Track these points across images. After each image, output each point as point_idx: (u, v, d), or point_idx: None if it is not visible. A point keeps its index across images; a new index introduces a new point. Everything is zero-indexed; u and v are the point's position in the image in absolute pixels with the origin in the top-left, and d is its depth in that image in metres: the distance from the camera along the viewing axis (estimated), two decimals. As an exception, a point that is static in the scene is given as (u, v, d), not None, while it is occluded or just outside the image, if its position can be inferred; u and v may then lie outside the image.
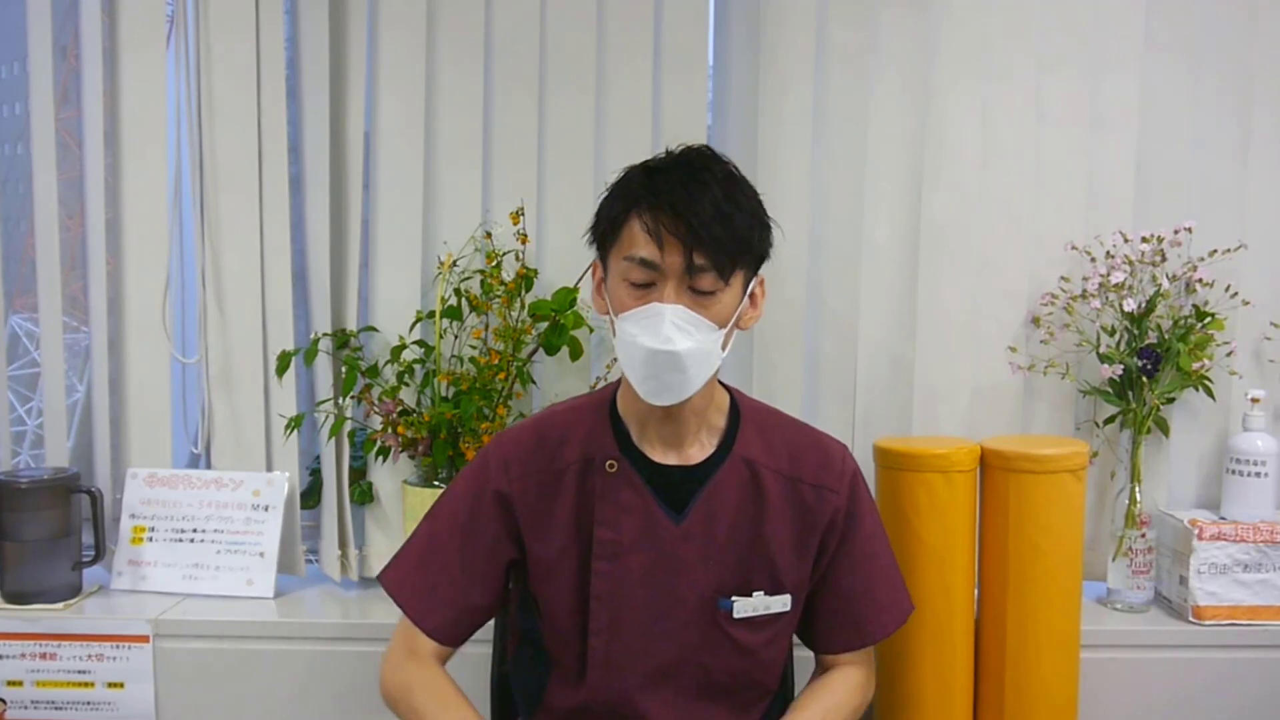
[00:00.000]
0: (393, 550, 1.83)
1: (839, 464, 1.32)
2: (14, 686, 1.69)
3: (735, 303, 1.19)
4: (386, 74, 1.81)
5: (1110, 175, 1.80)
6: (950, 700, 1.58)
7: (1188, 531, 1.67)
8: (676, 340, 1.14)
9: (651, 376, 1.17)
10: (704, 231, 1.13)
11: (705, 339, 1.16)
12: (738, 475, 1.27)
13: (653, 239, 1.14)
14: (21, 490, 1.71)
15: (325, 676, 1.69)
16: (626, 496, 1.25)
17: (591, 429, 1.28)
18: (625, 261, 1.17)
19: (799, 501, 1.28)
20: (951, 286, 1.80)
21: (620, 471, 1.25)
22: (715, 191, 1.15)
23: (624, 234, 1.18)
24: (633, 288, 1.17)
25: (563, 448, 1.28)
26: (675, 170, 1.17)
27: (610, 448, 1.26)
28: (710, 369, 1.19)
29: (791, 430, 1.34)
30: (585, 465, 1.27)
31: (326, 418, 1.81)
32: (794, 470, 1.29)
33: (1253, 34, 1.79)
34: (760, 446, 1.29)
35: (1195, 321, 1.73)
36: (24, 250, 1.95)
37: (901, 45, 1.79)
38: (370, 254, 1.84)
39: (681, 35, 1.80)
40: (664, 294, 1.15)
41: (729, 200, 1.15)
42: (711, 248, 1.13)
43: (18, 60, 1.92)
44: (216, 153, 1.82)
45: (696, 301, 1.16)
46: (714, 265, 1.14)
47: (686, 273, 1.14)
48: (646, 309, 1.15)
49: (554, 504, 1.27)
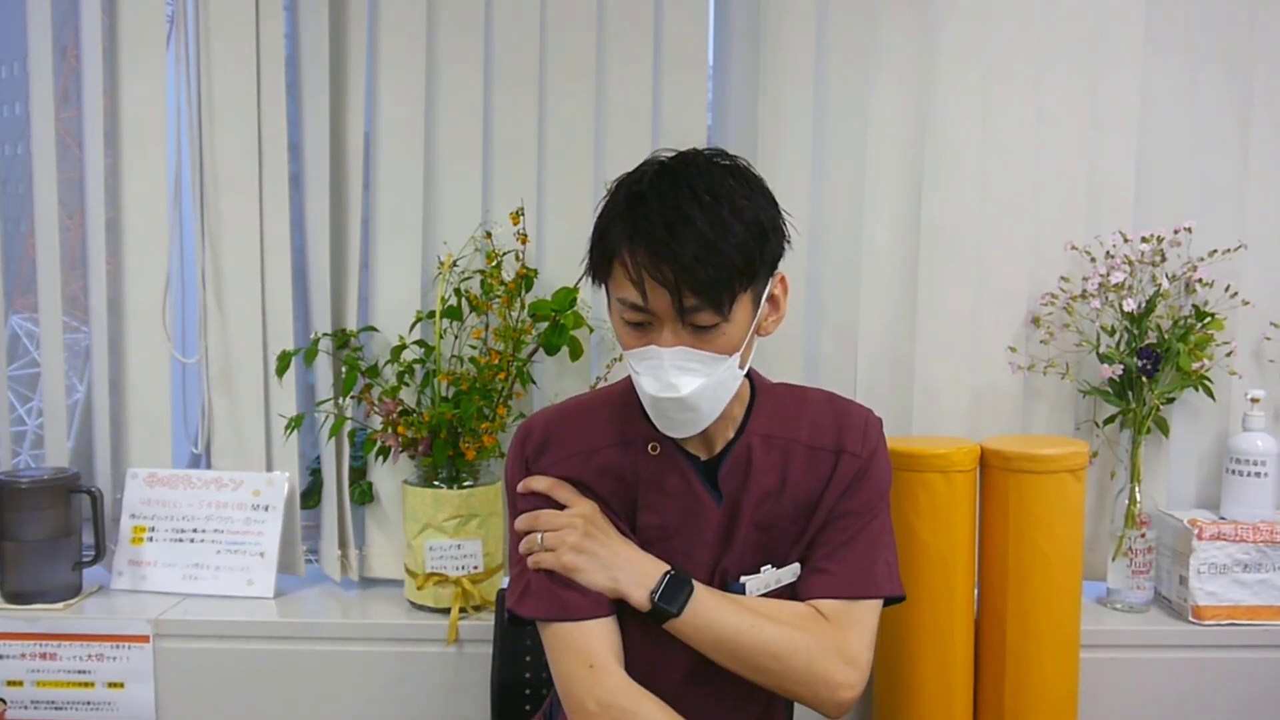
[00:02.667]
0: (393, 550, 1.86)
1: (861, 428, 1.25)
2: (14, 686, 1.69)
3: (745, 324, 1.12)
4: (386, 74, 1.81)
5: (1110, 175, 1.80)
6: (950, 700, 1.58)
7: (1187, 531, 1.67)
8: (681, 385, 1.09)
9: (662, 416, 1.15)
10: (688, 274, 1.05)
11: (714, 371, 1.11)
12: (753, 451, 1.23)
13: (637, 287, 1.07)
14: (22, 490, 1.71)
15: (325, 676, 1.69)
16: (671, 480, 1.22)
17: (624, 413, 1.24)
18: (619, 302, 1.11)
19: (818, 469, 1.24)
20: (951, 286, 1.80)
21: (663, 453, 1.22)
22: (700, 224, 1.05)
23: (614, 271, 1.11)
24: (631, 328, 1.12)
25: (594, 429, 1.24)
26: (655, 200, 1.07)
27: (647, 432, 1.22)
28: (725, 397, 1.15)
29: (813, 402, 1.29)
30: (624, 446, 1.23)
31: (326, 418, 1.81)
32: (814, 439, 1.25)
33: (1253, 34, 1.78)
34: (777, 420, 1.25)
35: (1195, 321, 1.73)
36: (24, 250, 1.95)
37: (901, 45, 1.79)
38: (370, 254, 1.84)
39: (681, 35, 1.80)
40: (661, 337, 1.09)
41: (717, 227, 1.06)
42: (701, 287, 1.05)
43: (18, 60, 1.92)
44: (216, 152, 1.82)
45: (698, 338, 1.09)
46: (709, 303, 1.07)
47: (679, 314, 1.07)
48: (646, 351, 1.11)
49: (592, 482, 1.24)
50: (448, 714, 1.67)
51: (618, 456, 1.23)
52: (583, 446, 1.24)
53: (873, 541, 1.25)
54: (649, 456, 1.22)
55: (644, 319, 1.10)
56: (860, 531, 1.25)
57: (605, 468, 1.23)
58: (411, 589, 1.73)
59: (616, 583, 1.18)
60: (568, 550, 1.18)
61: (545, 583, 1.20)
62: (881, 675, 1.63)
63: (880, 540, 1.27)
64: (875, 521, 1.27)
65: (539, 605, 1.21)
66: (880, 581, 1.25)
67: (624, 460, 1.23)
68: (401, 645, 1.69)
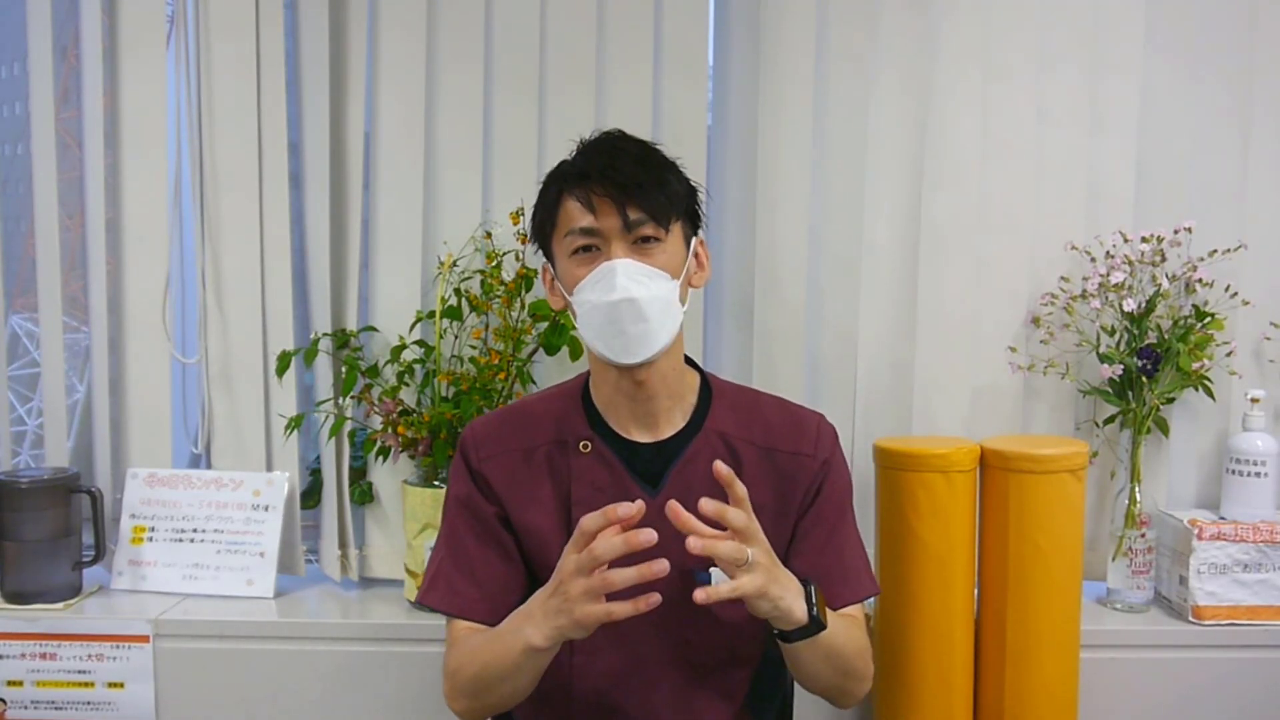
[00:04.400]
0: (393, 550, 1.86)
1: (814, 431, 1.31)
2: (14, 686, 1.69)
3: (681, 254, 1.23)
4: (386, 74, 1.81)
5: (1110, 175, 1.80)
6: (950, 700, 1.58)
7: (1187, 531, 1.67)
8: (632, 289, 1.17)
9: (617, 333, 1.19)
10: (632, 187, 1.18)
11: (660, 287, 1.19)
12: (711, 448, 1.28)
13: (587, 208, 1.20)
14: (21, 490, 1.71)
15: (325, 676, 1.69)
16: (600, 475, 1.26)
17: (563, 412, 1.30)
18: (568, 238, 1.22)
19: (776, 470, 1.29)
20: (951, 286, 1.80)
21: (594, 450, 1.27)
22: (633, 154, 1.22)
23: (560, 215, 1.23)
24: (581, 257, 1.21)
25: (533, 429, 1.30)
26: (592, 148, 1.24)
27: (583, 429, 1.28)
28: (673, 320, 1.21)
29: (766, 405, 1.34)
30: (559, 446, 1.29)
31: (326, 418, 1.81)
32: (769, 440, 1.29)
33: (1253, 34, 1.78)
34: (733, 420, 1.30)
35: (1195, 321, 1.73)
36: (24, 250, 1.95)
37: (901, 45, 1.79)
38: (370, 254, 1.84)
39: (681, 35, 1.80)
40: (610, 253, 1.20)
41: (648, 159, 1.22)
42: (642, 199, 1.19)
43: (18, 60, 1.92)
44: (216, 153, 1.82)
45: (643, 252, 1.20)
46: (650, 214, 1.19)
47: (626, 229, 1.19)
48: (598, 270, 1.19)
49: (532, 483, 1.28)
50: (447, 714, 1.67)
51: (553, 454, 1.29)
52: (522, 444, 1.30)
53: (855, 543, 1.33)
54: (580, 454, 1.28)
55: (593, 241, 1.20)
56: (845, 535, 1.31)
57: (542, 465, 1.29)
58: (411, 589, 1.73)
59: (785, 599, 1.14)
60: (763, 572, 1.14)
61: (461, 576, 1.28)
62: (882, 675, 1.63)
63: (857, 540, 1.34)
64: (850, 522, 1.34)
65: (447, 598, 1.28)
66: (868, 581, 1.33)
67: (560, 459, 1.28)
68: (401, 645, 1.68)
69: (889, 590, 1.60)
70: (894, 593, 1.59)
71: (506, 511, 1.29)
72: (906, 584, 1.57)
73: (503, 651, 1.17)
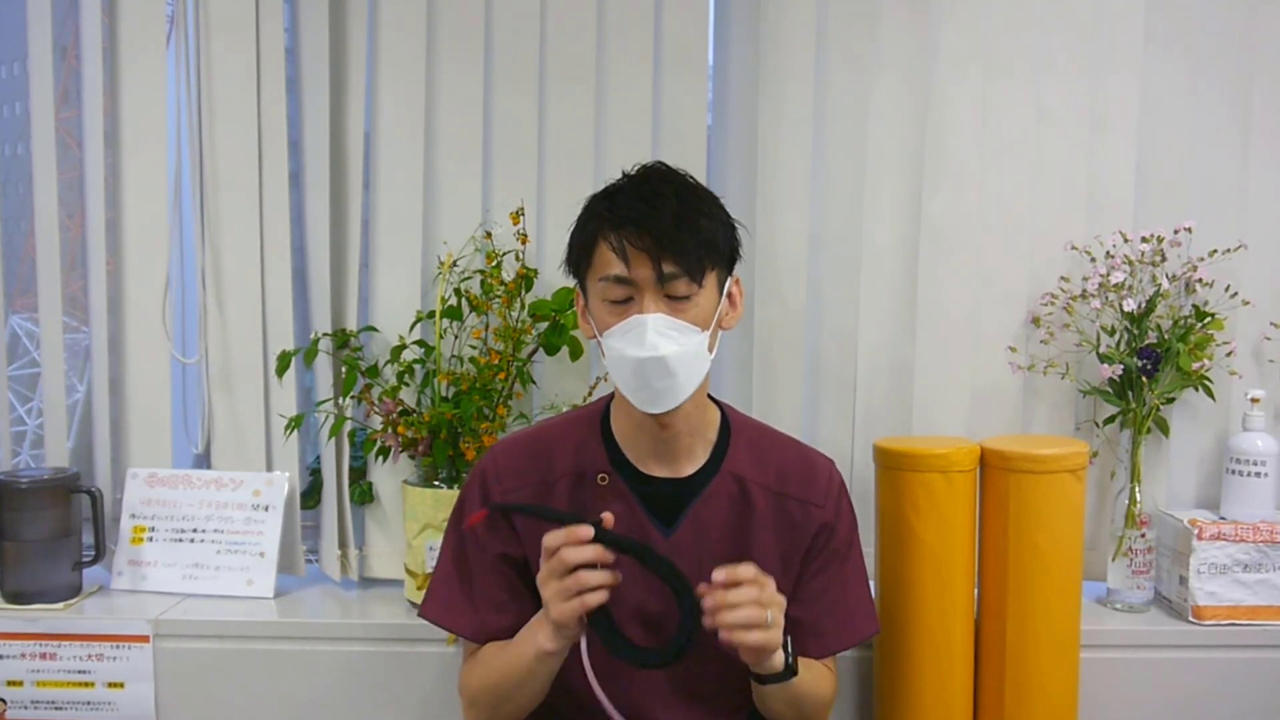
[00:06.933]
0: (393, 550, 1.86)
1: (825, 481, 1.35)
2: (14, 686, 1.69)
3: (713, 304, 1.23)
4: (386, 74, 1.81)
5: (1110, 175, 1.80)
6: (950, 700, 1.58)
7: (1187, 531, 1.67)
8: (661, 346, 1.17)
9: (643, 386, 1.20)
10: (668, 240, 1.17)
11: (690, 342, 1.20)
12: (727, 490, 1.31)
13: (621, 257, 1.19)
14: (21, 490, 1.71)
15: (325, 676, 1.69)
16: (616, 510, 1.26)
17: (583, 441, 1.32)
18: (601, 283, 1.22)
19: (785, 516, 1.32)
20: (951, 286, 1.80)
21: (611, 485, 1.29)
22: (673, 202, 1.20)
23: (595, 257, 1.22)
24: (612, 305, 1.22)
25: (554, 460, 1.31)
26: (632, 189, 1.23)
27: (601, 461, 1.30)
28: (699, 372, 1.22)
29: (781, 447, 1.37)
30: (577, 478, 1.30)
31: (326, 418, 1.81)
32: (781, 486, 1.33)
33: (1253, 34, 1.78)
34: (750, 462, 1.33)
35: (1195, 321, 1.73)
36: (24, 250, 1.95)
37: (901, 45, 1.79)
38: (370, 254, 1.84)
39: (681, 35, 1.80)
40: (643, 306, 1.19)
41: (688, 207, 1.20)
42: (678, 253, 1.18)
43: (18, 60, 1.92)
44: (216, 152, 1.82)
45: (674, 308, 1.20)
46: (684, 270, 1.18)
47: (659, 282, 1.19)
48: (628, 322, 1.20)
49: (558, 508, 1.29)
50: (447, 714, 1.67)
51: (573, 488, 1.31)
52: (541, 476, 1.31)
53: (850, 590, 1.36)
54: (597, 487, 1.29)
55: (627, 293, 1.20)
56: (840, 583, 1.35)
57: (562, 498, 1.30)
58: (411, 589, 1.73)
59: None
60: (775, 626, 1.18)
61: (463, 596, 1.32)
62: (882, 675, 1.63)
63: (856, 582, 1.37)
64: (849, 566, 1.36)
65: (453, 617, 1.34)
66: (860, 627, 1.37)
67: (578, 492, 1.30)
68: (401, 645, 1.68)
69: (889, 590, 1.60)
70: (894, 593, 1.59)
71: (521, 540, 1.30)
72: (906, 584, 1.57)
73: (516, 659, 1.23)
